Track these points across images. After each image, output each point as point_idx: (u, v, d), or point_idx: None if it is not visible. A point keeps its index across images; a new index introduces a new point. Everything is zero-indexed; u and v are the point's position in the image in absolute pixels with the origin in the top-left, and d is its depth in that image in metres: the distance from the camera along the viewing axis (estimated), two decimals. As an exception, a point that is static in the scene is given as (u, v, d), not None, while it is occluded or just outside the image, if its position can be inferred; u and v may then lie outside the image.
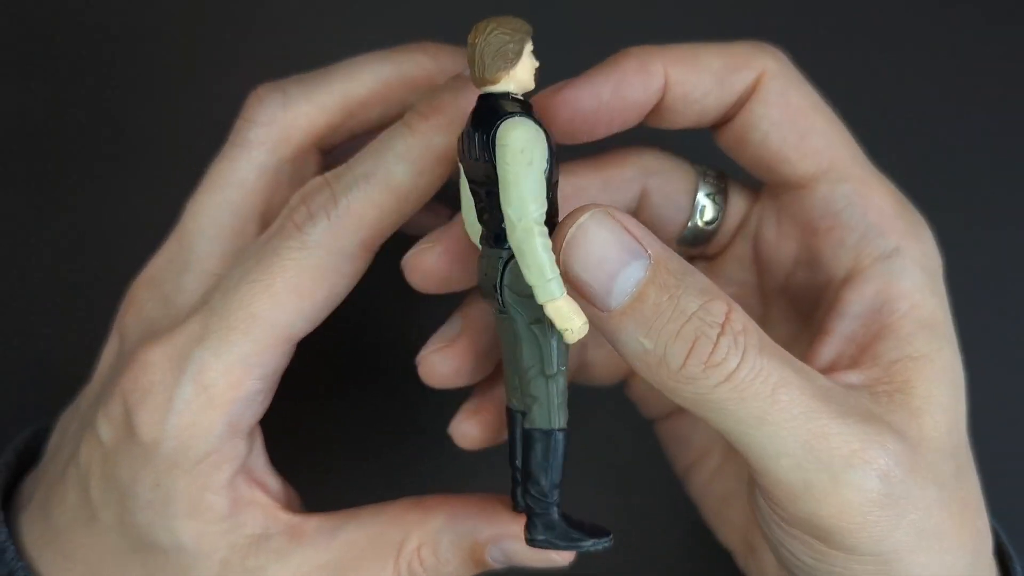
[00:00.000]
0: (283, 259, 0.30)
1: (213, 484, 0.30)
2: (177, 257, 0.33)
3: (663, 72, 0.31)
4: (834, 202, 0.32)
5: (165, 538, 0.30)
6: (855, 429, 0.27)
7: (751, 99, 0.32)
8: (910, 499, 0.28)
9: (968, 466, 0.31)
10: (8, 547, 0.31)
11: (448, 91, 0.31)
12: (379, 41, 0.35)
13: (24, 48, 0.45)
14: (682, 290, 0.27)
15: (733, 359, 0.26)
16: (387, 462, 0.44)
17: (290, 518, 0.32)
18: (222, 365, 0.30)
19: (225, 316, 0.30)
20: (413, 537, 0.32)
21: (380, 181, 0.30)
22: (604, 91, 0.31)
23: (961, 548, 0.29)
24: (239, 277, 0.30)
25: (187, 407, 0.30)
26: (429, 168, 0.31)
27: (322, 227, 0.30)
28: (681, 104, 0.32)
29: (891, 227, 0.32)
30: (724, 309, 0.27)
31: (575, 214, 0.27)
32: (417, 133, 0.30)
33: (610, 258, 0.27)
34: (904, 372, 0.30)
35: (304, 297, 0.30)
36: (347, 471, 0.44)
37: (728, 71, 0.32)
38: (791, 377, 0.27)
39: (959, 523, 0.29)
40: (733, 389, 0.26)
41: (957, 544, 0.29)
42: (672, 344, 0.26)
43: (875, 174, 0.33)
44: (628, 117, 0.32)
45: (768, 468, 0.28)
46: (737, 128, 0.33)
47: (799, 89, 0.32)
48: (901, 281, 0.31)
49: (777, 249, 0.35)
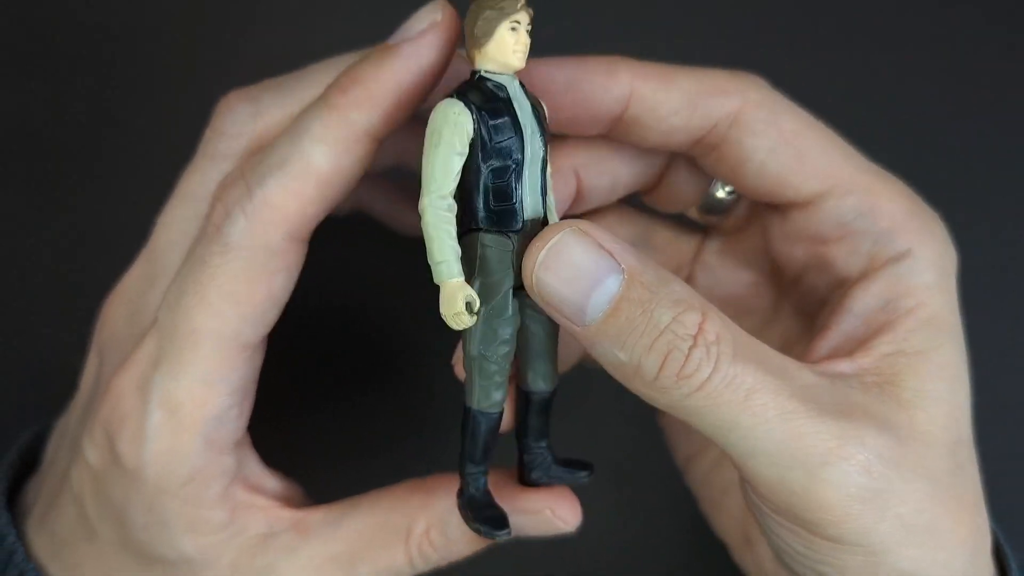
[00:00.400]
0: (209, 267, 0.29)
1: (206, 501, 0.30)
2: (147, 271, 0.33)
3: (629, 82, 0.31)
4: (843, 215, 0.32)
5: (169, 553, 0.30)
6: (831, 427, 0.27)
7: (737, 130, 0.31)
8: (894, 493, 0.28)
9: (969, 463, 0.30)
10: (17, 548, 0.31)
11: (370, 63, 0.29)
12: (378, 37, 0.35)
13: (23, 48, 0.45)
14: (655, 303, 0.27)
15: (705, 369, 0.26)
16: (388, 457, 0.44)
17: (293, 514, 0.32)
18: (182, 388, 0.29)
19: (172, 335, 0.29)
20: (420, 520, 0.32)
21: (297, 167, 0.29)
22: (557, 78, 0.30)
23: (958, 545, 0.29)
24: (176, 292, 0.30)
25: (159, 433, 0.29)
26: (350, 148, 0.29)
27: (240, 226, 0.29)
28: (647, 119, 0.31)
29: (902, 230, 0.31)
30: (697, 320, 0.27)
31: (548, 232, 0.27)
32: (335, 110, 0.29)
33: (583, 277, 0.27)
34: (895, 365, 0.30)
35: (241, 302, 0.29)
36: (348, 467, 0.44)
37: (701, 95, 0.31)
38: (765, 381, 0.27)
39: (955, 520, 0.29)
40: (706, 397, 0.27)
41: (953, 541, 0.29)
42: (646, 357, 0.27)
43: (882, 178, 0.32)
44: (586, 116, 0.31)
45: (746, 465, 0.28)
46: (729, 160, 0.32)
47: (787, 113, 0.32)
48: (909, 280, 0.31)
49: (787, 253, 0.34)
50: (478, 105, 0.27)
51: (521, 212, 0.28)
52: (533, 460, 0.31)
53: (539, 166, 0.28)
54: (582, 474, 0.31)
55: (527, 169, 0.28)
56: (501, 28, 0.27)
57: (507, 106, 0.28)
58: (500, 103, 0.28)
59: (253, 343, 0.30)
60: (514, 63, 0.28)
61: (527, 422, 0.31)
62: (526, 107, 0.28)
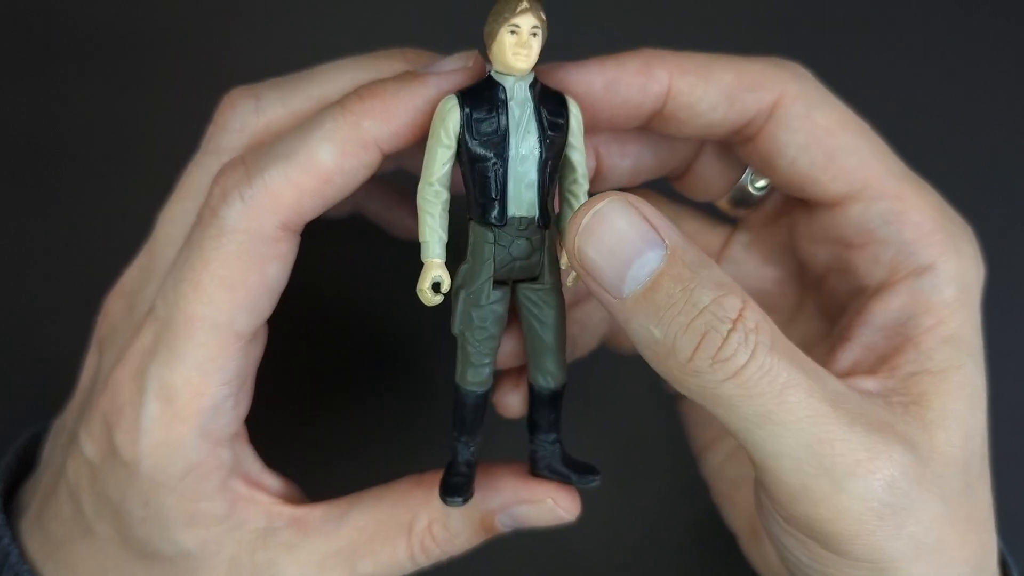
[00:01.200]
0: (204, 251, 0.29)
1: (204, 493, 0.30)
2: (148, 267, 0.33)
3: (667, 78, 0.30)
4: (868, 221, 0.31)
5: (167, 548, 0.31)
6: (862, 438, 0.27)
7: (773, 123, 0.31)
8: (911, 511, 0.27)
9: (980, 481, 0.30)
10: (12, 550, 0.31)
11: (394, 81, 0.30)
12: (378, 40, 0.34)
13: (22, 47, 0.44)
14: (696, 283, 0.26)
15: (742, 356, 0.26)
16: (387, 455, 0.44)
17: (293, 510, 0.32)
18: (179, 377, 0.29)
19: (168, 323, 0.29)
20: (423, 515, 0.32)
21: (301, 160, 0.29)
22: (595, 82, 0.30)
23: (963, 563, 0.29)
24: (173, 279, 0.30)
25: (156, 425, 0.29)
26: (356, 152, 0.29)
27: (236, 209, 0.29)
28: (685, 114, 0.31)
29: (927, 243, 0.30)
30: (738, 305, 0.26)
31: (594, 200, 0.27)
32: (348, 113, 0.29)
33: (625, 246, 0.27)
34: (921, 385, 0.29)
35: (235, 288, 0.29)
36: (347, 465, 0.44)
37: (740, 88, 0.30)
38: (801, 379, 0.26)
39: (962, 538, 0.28)
40: (740, 386, 0.26)
41: (959, 558, 0.28)
42: (682, 336, 0.26)
43: (913, 185, 0.31)
44: (624, 115, 0.31)
45: (769, 467, 0.27)
46: (763, 152, 0.32)
47: (823, 108, 0.31)
48: (930, 297, 0.30)
49: (811, 253, 0.34)
50: (469, 103, 0.29)
51: (502, 208, 0.29)
52: (539, 453, 0.32)
53: (533, 166, 0.29)
54: (590, 478, 0.31)
55: (514, 167, 0.29)
56: (502, 32, 0.28)
57: (499, 105, 0.29)
58: (493, 102, 0.29)
59: (247, 332, 0.30)
60: (515, 65, 0.29)
61: (533, 415, 0.32)
62: (526, 108, 0.29)
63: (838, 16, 0.45)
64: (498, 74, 0.29)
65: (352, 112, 0.29)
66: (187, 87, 0.44)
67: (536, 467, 0.32)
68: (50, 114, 0.44)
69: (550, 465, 0.32)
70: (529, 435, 0.32)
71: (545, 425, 0.32)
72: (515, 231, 0.29)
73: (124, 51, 0.44)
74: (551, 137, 0.29)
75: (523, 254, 0.29)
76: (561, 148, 0.30)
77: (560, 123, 0.29)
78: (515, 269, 0.30)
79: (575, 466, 0.32)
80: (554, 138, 0.29)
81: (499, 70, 0.29)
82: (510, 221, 0.29)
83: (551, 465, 0.32)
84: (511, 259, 0.29)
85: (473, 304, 0.30)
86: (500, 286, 0.30)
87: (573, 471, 0.31)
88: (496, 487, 0.32)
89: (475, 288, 0.30)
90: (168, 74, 0.44)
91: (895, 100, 0.42)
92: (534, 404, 0.32)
